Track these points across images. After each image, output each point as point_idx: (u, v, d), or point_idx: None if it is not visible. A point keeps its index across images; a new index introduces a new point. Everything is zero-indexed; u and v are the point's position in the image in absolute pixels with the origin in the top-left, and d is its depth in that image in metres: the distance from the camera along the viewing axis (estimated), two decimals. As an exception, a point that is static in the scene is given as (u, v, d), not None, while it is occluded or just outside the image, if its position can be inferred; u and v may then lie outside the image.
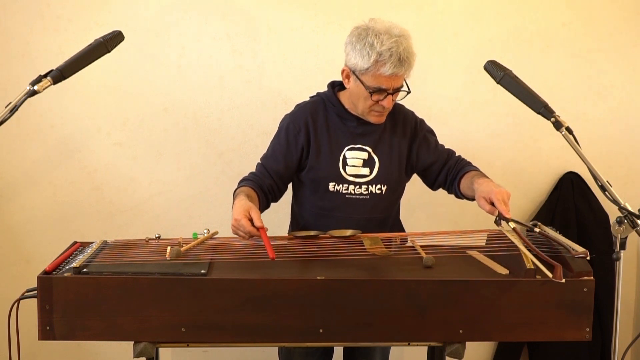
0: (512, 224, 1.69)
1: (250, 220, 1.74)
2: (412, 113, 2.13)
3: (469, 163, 2.11)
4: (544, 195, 2.79)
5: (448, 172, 2.09)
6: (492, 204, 1.76)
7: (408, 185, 2.18)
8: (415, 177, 2.20)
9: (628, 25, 2.71)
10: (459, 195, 2.07)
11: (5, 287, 2.56)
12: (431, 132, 2.14)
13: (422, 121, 2.13)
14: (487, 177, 1.96)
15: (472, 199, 1.97)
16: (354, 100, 1.98)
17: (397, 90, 1.92)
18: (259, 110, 2.61)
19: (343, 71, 1.96)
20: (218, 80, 2.58)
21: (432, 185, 2.17)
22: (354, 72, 1.91)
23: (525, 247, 1.65)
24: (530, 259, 1.60)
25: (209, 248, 1.79)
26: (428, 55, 2.61)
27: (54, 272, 1.58)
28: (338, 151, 2.01)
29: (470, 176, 2.00)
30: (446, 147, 2.17)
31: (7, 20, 2.47)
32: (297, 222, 2.14)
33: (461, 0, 2.63)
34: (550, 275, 1.53)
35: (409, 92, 1.95)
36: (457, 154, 2.14)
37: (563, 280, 1.52)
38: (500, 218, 1.73)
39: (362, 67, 1.87)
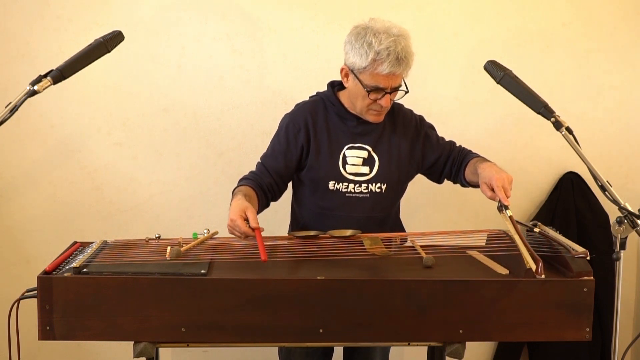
0: (509, 212, 1.69)
1: (247, 220, 1.74)
2: (411, 111, 2.13)
3: (470, 151, 2.13)
4: (544, 195, 2.80)
5: (452, 163, 2.11)
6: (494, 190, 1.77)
7: (409, 185, 2.18)
8: (416, 176, 2.20)
9: (628, 25, 2.71)
10: (465, 184, 2.08)
11: (5, 287, 2.56)
12: (431, 128, 2.15)
13: (421, 118, 2.14)
14: (490, 162, 1.97)
15: (478, 186, 1.95)
16: (353, 99, 1.98)
17: (395, 89, 1.93)
18: (259, 110, 2.61)
19: (342, 70, 1.97)
20: (218, 80, 2.58)
21: (439, 179, 2.18)
22: (352, 71, 1.92)
23: (519, 238, 1.65)
24: (523, 251, 1.60)
25: (209, 248, 1.79)
26: (428, 55, 2.61)
27: (54, 272, 1.58)
28: (338, 150, 2.02)
29: (474, 162, 2.01)
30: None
31: (7, 20, 2.47)
32: (297, 221, 2.14)
33: (461, 0, 2.63)
34: (533, 267, 1.55)
35: (407, 92, 1.96)
36: (457, 144, 2.16)
37: (543, 276, 1.54)
38: (500, 205, 1.73)
39: (360, 66, 1.88)
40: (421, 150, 2.09)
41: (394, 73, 1.86)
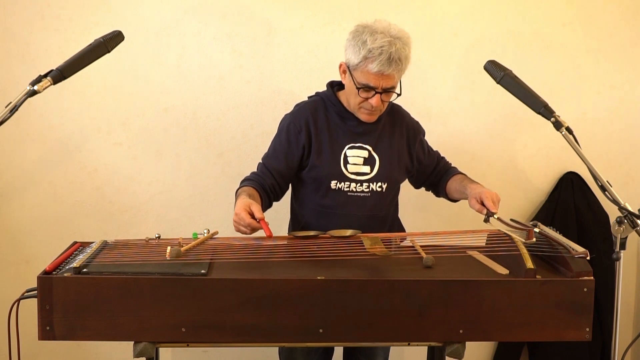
0: (496, 216, 1.84)
1: (251, 214, 1.75)
2: (409, 114, 2.17)
3: (452, 166, 2.23)
4: (544, 195, 2.79)
5: (436, 175, 2.20)
6: (482, 203, 1.89)
7: (409, 186, 2.19)
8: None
9: (628, 25, 2.71)
10: (441, 194, 2.20)
11: (5, 287, 2.56)
12: (424, 135, 2.20)
13: (418, 123, 2.18)
14: (478, 183, 2.07)
15: (454, 200, 2.16)
16: (348, 96, 2.01)
17: (387, 90, 1.93)
18: (259, 110, 2.61)
19: (340, 66, 1.99)
20: (218, 80, 2.58)
21: (419, 185, 2.28)
22: (348, 67, 1.94)
23: (507, 225, 1.80)
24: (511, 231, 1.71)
25: (209, 248, 1.79)
26: (428, 55, 2.61)
27: (54, 272, 1.58)
28: (339, 150, 2.02)
29: (460, 179, 2.12)
30: (444, 147, 2.28)
31: (7, 20, 2.47)
32: (298, 221, 2.14)
33: (461, 0, 2.63)
34: (523, 239, 1.70)
35: (399, 95, 1.97)
36: (442, 156, 2.24)
37: (534, 240, 1.70)
38: (488, 215, 1.84)
39: (354, 63, 1.90)
40: (416, 155, 2.13)
41: (383, 72, 1.86)
